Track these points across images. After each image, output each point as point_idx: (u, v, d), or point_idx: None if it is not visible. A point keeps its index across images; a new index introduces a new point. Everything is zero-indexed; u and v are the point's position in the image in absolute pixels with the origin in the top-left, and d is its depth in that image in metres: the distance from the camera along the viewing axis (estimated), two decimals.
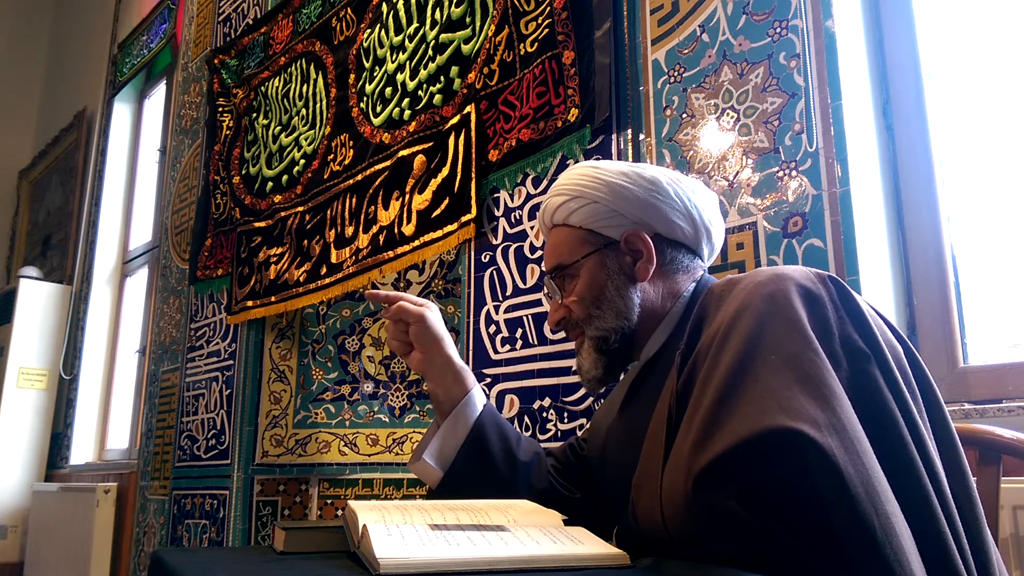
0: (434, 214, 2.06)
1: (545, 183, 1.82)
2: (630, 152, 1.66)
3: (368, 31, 2.52)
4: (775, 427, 0.70)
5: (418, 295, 2.72)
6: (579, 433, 1.47)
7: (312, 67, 2.77)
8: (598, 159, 1.71)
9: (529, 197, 1.86)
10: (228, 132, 3.15)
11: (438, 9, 2.23)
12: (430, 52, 2.23)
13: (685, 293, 1.05)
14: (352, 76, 2.56)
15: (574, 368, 1.68)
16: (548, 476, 1.15)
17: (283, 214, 2.70)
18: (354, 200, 2.39)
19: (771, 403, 0.72)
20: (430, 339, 1.15)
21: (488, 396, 1.87)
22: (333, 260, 2.41)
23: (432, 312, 1.16)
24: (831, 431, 0.70)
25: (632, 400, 1.04)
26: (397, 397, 2.67)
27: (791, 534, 0.69)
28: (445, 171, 2.06)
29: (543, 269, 1.12)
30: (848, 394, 0.74)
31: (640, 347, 1.06)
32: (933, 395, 0.83)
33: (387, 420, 2.65)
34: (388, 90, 2.38)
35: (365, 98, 2.48)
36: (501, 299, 1.89)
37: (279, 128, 2.87)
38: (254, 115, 3.02)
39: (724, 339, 0.80)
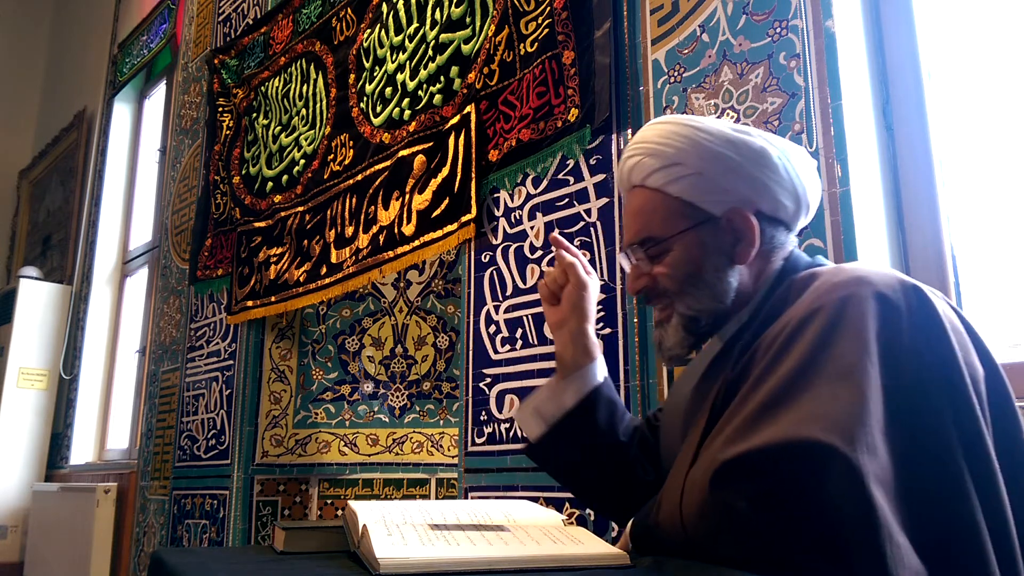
0: (434, 214, 2.06)
1: (545, 183, 1.82)
2: None
3: (368, 31, 2.52)
4: (805, 439, 0.69)
5: (418, 295, 2.72)
6: (660, 403, 1.43)
7: (312, 67, 2.77)
8: (597, 159, 1.71)
9: (529, 197, 1.86)
10: (228, 132, 3.15)
11: (438, 9, 2.23)
12: (430, 52, 2.23)
13: (772, 274, 0.97)
14: (352, 76, 2.56)
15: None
16: (637, 455, 1.11)
17: (283, 214, 2.70)
18: (354, 200, 2.39)
19: (811, 414, 0.70)
20: (579, 309, 1.10)
21: (490, 394, 1.88)
22: (333, 260, 2.41)
23: (594, 286, 1.11)
24: (865, 450, 0.68)
25: (706, 378, 0.97)
26: (397, 397, 2.67)
27: (799, 545, 0.68)
28: (445, 171, 2.06)
29: (625, 234, 1.03)
30: (903, 413, 0.71)
31: (725, 325, 1.00)
32: (1013, 424, 0.78)
33: (387, 420, 2.65)
34: (388, 90, 2.38)
35: (365, 98, 2.48)
36: (501, 299, 1.89)
37: (279, 128, 2.87)
38: (254, 115, 3.02)
39: (788, 341, 0.78)
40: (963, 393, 0.74)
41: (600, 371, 1.11)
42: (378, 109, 2.41)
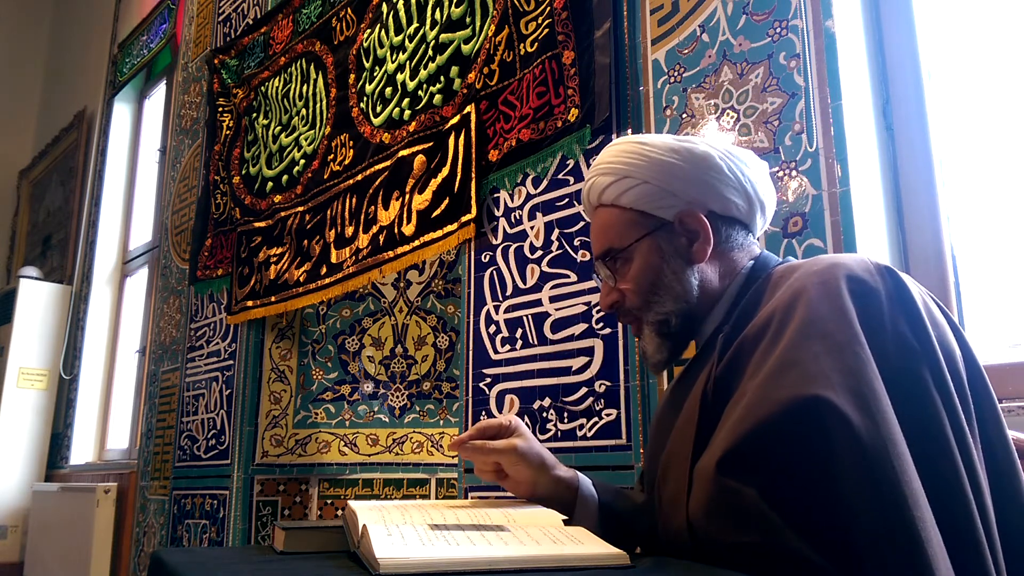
0: (434, 214, 2.06)
1: (545, 183, 1.82)
2: None
3: (368, 31, 2.52)
4: (803, 395, 0.70)
5: (418, 295, 2.72)
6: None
7: (312, 67, 2.77)
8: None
9: (529, 197, 1.86)
10: (228, 132, 3.15)
11: (438, 9, 2.23)
12: (430, 52, 2.23)
13: (742, 271, 1.00)
14: (352, 76, 2.56)
15: (574, 367, 1.68)
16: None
17: (283, 214, 2.70)
18: (354, 200, 2.39)
19: (805, 379, 0.72)
20: (530, 469, 0.99)
21: (489, 398, 1.87)
22: (333, 260, 2.41)
23: (522, 439, 1.00)
24: (865, 418, 0.69)
25: (681, 383, 0.99)
26: (397, 397, 2.67)
27: (809, 539, 0.68)
28: (445, 171, 2.06)
29: (592, 253, 1.05)
30: (892, 391, 0.73)
31: (700, 326, 1.01)
32: (989, 401, 0.81)
33: (387, 420, 2.65)
34: (388, 90, 2.38)
35: (365, 98, 2.48)
36: (501, 299, 1.89)
37: (279, 128, 2.87)
38: (254, 115, 3.02)
39: (777, 332, 0.79)
40: (942, 372, 0.76)
41: (587, 489, 1.02)
42: (378, 109, 2.41)
